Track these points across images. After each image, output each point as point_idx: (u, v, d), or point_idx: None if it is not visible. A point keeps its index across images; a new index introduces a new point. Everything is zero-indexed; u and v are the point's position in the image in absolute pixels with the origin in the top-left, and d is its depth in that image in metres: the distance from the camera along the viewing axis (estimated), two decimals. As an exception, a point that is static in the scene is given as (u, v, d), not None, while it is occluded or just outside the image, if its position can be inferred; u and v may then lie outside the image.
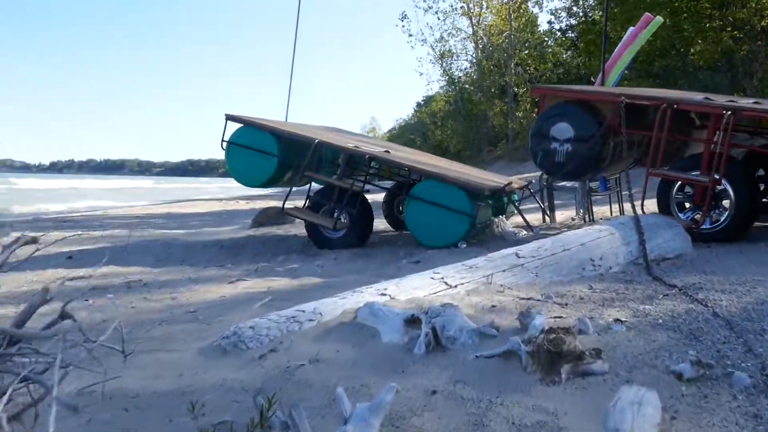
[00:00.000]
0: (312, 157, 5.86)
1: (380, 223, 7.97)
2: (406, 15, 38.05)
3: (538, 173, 24.41)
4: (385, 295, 2.67)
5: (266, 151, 6.06)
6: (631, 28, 6.08)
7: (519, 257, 3.13)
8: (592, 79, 27.62)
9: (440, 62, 38.36)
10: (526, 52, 32.95)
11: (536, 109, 31.29)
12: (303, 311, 2.48)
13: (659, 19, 6.18)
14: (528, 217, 8.21)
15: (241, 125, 6.23)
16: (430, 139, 69.97)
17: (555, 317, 2.33)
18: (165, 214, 14.50)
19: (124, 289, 4.03)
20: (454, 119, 41.06)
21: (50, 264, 5.78)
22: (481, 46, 36.04)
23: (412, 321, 2.25)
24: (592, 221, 7.35)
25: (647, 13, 6.08)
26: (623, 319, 2.31)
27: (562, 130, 5.00)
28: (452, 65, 38.57)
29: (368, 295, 2.66)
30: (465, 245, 5.49)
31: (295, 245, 6.44)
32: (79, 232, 9.11)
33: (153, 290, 3.94)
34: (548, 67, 32.06)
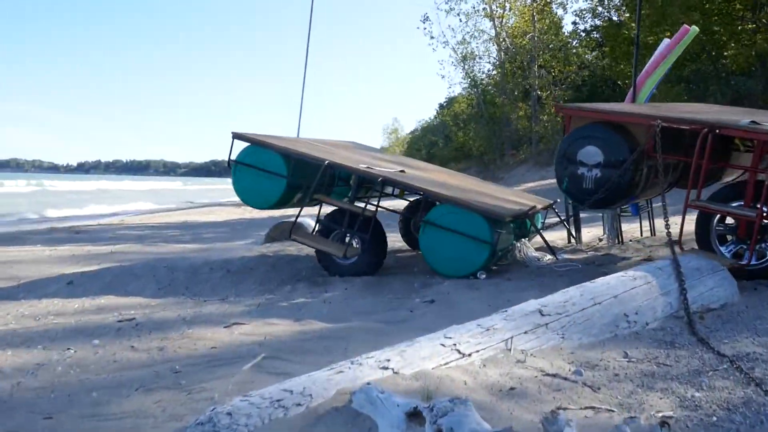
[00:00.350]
0: (321, 179, 5.52)
1: (397, 241, 7.63)
2: (428, 17, 37.63)
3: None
4: (387, 368, 2.31)
5: (274, 172, 5.73)
6: (666, 40, 5.64)
7: (543, 315, 2.74)
8: (618, 82, 27.04)
9: (462, 65, 37.88)
10: (550, 53, 32.31)
11: (561, 112, 30.50)
12: (290, 392, 2.13)
13: (695, 29, 5.72)
14: (553, 235, 7.82)
15: (248, 144, 5.91)
16: (453, 141, 69.60)
17: (586, 409, 1.95)
18: (181, 224, 14.29)
19: (114, 332, 3.72)
20: (477, 122, 40.53)
21: (49, 290, 5.52)
22: (503, 48, 35.49)
23: (415, 415, 1.89)
24: (621, 242, 6.91)
25: (685, 25, 5.62)
26: (670, 416, 1.92)
27: (591, 154, 4.59)
28: (474, 68, 38.07)
29: (368, 368, 2.31)
30: (484, 275, 5.11)
31: (305, 269, 6.11)
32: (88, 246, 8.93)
33: (143, 334, 3.62)
34: (573, 69, 31.42)
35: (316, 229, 5.78)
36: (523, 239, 6.14)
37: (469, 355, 2.46)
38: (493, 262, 5.42)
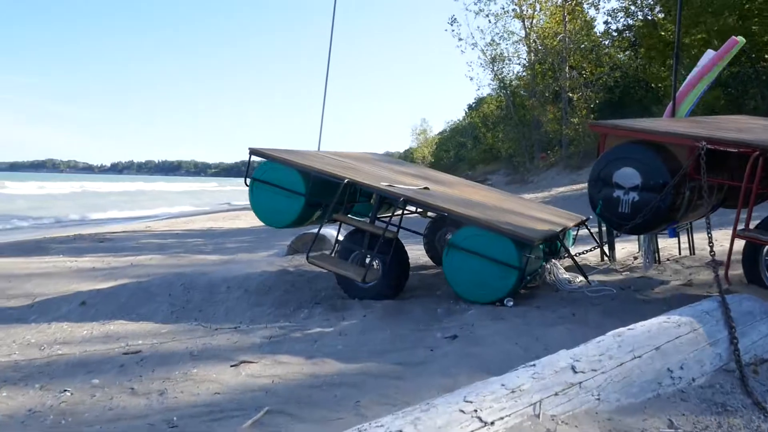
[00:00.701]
0: (341, 198, 5.28)
1: (421, 254, 7.37)
2: (455, 19, 37.25)
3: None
4: (398, 442, 2.04)
5: (292, 190, 5.51)
6: (711, 52, 5.25)
7: (576, 372, 2.44)
8: (653, 85, 26.34)
9: (491, 66, 37.39)
10: (581, 54, 31.66)
11: (591, 115, 29.78)
12: (287, 473, 1.89)
13: (742, 40, 5.33)
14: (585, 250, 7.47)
15: (265, 160, 5.70)
16: (482, 142, 68.99)
17: None
18: (205, 231, 14.22)
19: (116, 369, 3.52)
20: (506, 124, 40.00)
21: (61, 312, 5.38)
22: (533, 50, 34.94)
23: None
24: (658, 262, 6.52)
25: (734, 37, 5.23)
26: None
27: (628, 176, 4.25)
28: (503, 69, 37.54)
29: (377, 440, 2.05)
30: (512, 302, 4.81)
31: (324, 290, 5.87)
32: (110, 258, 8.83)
33: (146, 372, 3.42)
34: (605, 70, 30.74)
35: (336, 249, 5.53)
36: (553, 259, 5.82)
37: (492, 423, 2.18)
38: (521, 286, 5.11)
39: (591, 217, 6.78)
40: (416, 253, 7.41)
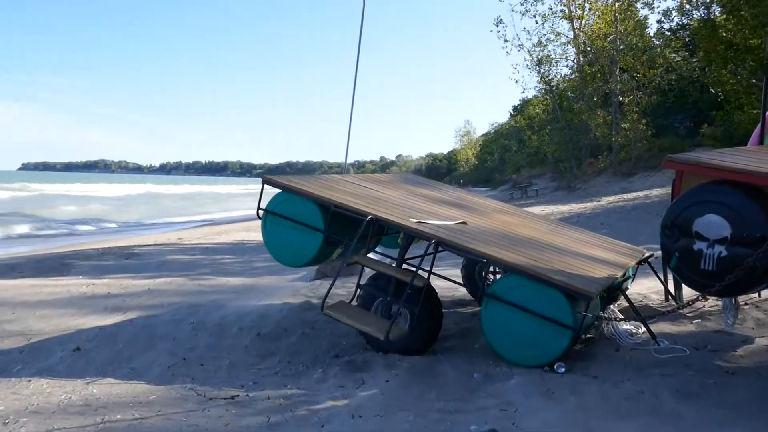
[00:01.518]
0: (364, 237, 4.57)
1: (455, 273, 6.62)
2: (501, 20, 36.18)
3: (649, 191, 21.74)
4: None
5: (309, 225, 4.83)
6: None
7: None
8: (712, 90, 24.84)
9: (538, 68, 36.21)
10: (632, 55, 30.23)
11: (645, 119, 28.38)
12: None
13: None
14: (644, 285, 6.58)
15: (280, 190, 5.03)
16: (527, 145, 67.53)
17: None
18: (236, 244, 13.71)
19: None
20: (552, 128, 38.67)
21: (51, 360, 4.81)
22: (582, 51, 33.64)
23: None
24: (736, 307, 5.59)
25: None
26: None
27: (714, 225, 3.41)
28: (550, 71, 36.31)
29: None
30: (563, 369, 4.02)
31: (346, 337, 5.16)
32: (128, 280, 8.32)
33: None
34: (658, 72, 29.28)
35: (357, 294, 4.82)
36: (610, 306, 4.99)
37: None
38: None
39: (655, 255, 5.90)
40: (452, 273, 6.65)
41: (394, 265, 4.77)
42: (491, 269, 6.50)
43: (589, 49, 32.18)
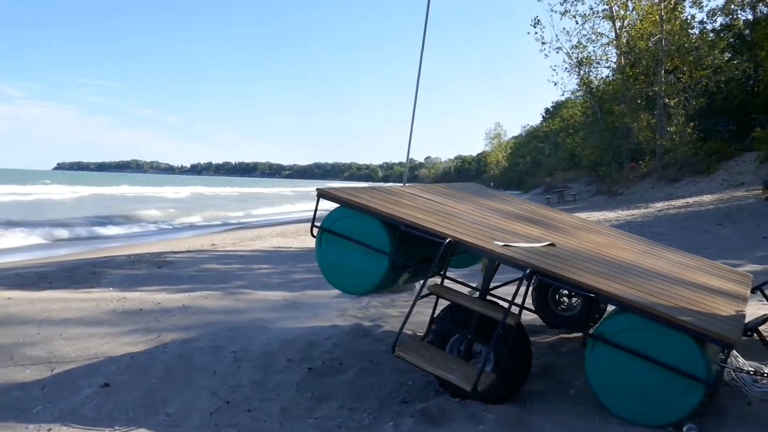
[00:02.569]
0: (441, 262, 3.85)
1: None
2: (539, 21, 35.24)
3: (698, 197, 20.65)
4: None
5: (373, 246, 4.13)
6: None
7: None
8: (757, 90, 23.50)
9: (578, 70, 35.15)
10: (679, 56, 29.02)
11: (692, 122, 27.11)
12: None
13: None
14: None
15: (338, 205, 4.33)
16: (561, 148, 66.12)
17: None
18: (272, 252, 13.11)
19: None
20: (591, 131, 37.49)
21: (74, 400, 4.16)
22: (624, 52, 32.50)
23: None
24: None
25: None
26: None
27: None
28: (590, 73, 35.24)
29: None
30: (695, 430, 3.25)
31: (412, 375, 4.46)
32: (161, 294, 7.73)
33: None
34: (706, 73, 28.04)
35: (431, 329, 4.10)
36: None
37: None
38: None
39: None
40: (505, 291, 5.89)
41: (474, 295, 4.04)
42: (566, 292, 5.75)
43: (632, 50, 31.05)
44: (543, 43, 35.11)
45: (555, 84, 50.57)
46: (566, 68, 36.38)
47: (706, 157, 27.13)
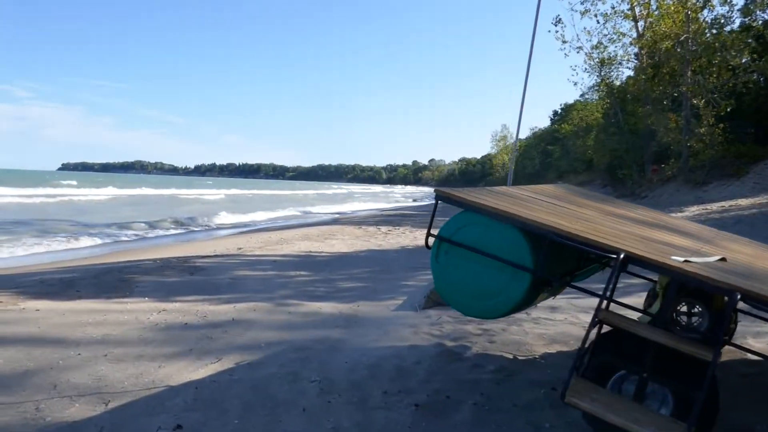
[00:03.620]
0: (611, 282, 3.07)
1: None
2: (560, 19, 34.42)
3: (734, 201, 19.71)
4: None
5: (511, 261, 3.36)
6: None
7: None
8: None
9: (599, 70, 34.36)
10: (707, 56, 28.18)
11: (722, 125, 26.28)
12: None
13: None
14: None
15: (463, 210, 3.56)
16: (571, 150, 65.27)
17: None
18: (305, 257, 12.34)
19: None
20: (611, 132, 36.61)
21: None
22: (647, 53, 31.68)
23: None
24: None
25: None
26: None
27: None
28: (612, 74, 34.43)
29: None
30: None
31: (540, 413, 3.69)
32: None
33: None
34: (739, 72, 27.18)
35: (588, 359, 3.30)
36: None
37: None
38: None
39: None
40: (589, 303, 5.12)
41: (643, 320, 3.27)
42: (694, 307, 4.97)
43: (656, 50, 30.21)
44: (563, 42, 34.29)
45: (575, 84, 49.28)
46: (586, 69, 35.59)
47: (735, 160, 26.32)
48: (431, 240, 3.65)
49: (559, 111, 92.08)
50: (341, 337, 5.79)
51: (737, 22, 32.17)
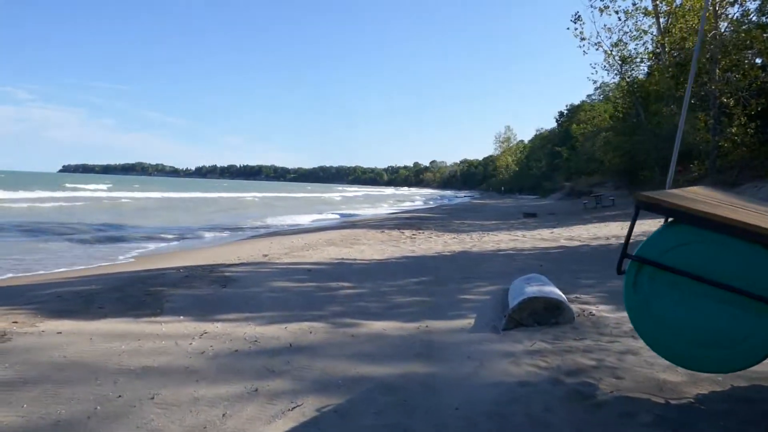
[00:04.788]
0: None
1: None
2: (579, 16, 33.54)
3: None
4: None
5: (754, 293, 2.38)
6: None
7: None
8: None
9: (619, 68, 33.43)
10: (736, 53, 27.24)
11: (754, 123, 25.29)
12: None
13: None
14: None
15: (673, 221, 2.57)
16: (581, 152, 64.18)
17: None
18: (338, 264, 11.36)
19: None
20: (625, 132, 35.47)
21: None
22: (669, 51, 30.74)
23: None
24: None
25: None
26: None
27: None
28: (633, 72, 33.47)
29: None
30: None
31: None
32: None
33: None
34: (758, 73, 26.25)
35: None
36: None
37: None
38: None
39: None
40: None
41: None
42: None
43: (681, 48, 29.25)
44: (582, 39, 33.39)
45: (595, 82, 47.91)
46: (605, 67, 34.66)
47: (766, 161, 25.38)
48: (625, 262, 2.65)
49: (565, 112, 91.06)
50: (430, 370, 4.81)
51: (753, 18, 31.23)
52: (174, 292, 8.16)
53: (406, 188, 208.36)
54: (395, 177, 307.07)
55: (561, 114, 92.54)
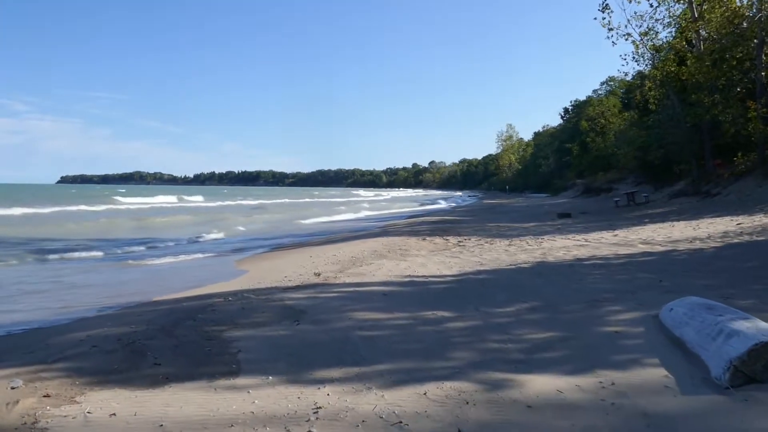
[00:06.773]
0: None
1: None
2: (607, 5, 31.84)
3: None
4: None
5: None
6: None
7: None
8: None
9: (652, 57, 31.71)
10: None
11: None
12: None
13: None
14: None
15: None
16: (591, 147, 62.49)
17: None
18: (408, 284, 9.58)
19: None
20: (666, 125, 33.58)
21: None
22: (704, 38, 29.01)
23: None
24: None
25: None
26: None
27: None
28: (664, 62, 31.74)
29: None
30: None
31: None
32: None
33: None
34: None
35: None
36: None
37: None
38: None
39: None
40: None
41: None
42: None
43: (722, 34, 27.52)
44: (610, 30, 31.68)
45: (626, 74, 45.86)
46: (634, 58, 32.92)
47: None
48: None
49: (570, 108, 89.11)
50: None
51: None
52: (239, 334, 6.41)
53: (411, 190, 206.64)
54: (394, 179, 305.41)
55: (566, 110, 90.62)
